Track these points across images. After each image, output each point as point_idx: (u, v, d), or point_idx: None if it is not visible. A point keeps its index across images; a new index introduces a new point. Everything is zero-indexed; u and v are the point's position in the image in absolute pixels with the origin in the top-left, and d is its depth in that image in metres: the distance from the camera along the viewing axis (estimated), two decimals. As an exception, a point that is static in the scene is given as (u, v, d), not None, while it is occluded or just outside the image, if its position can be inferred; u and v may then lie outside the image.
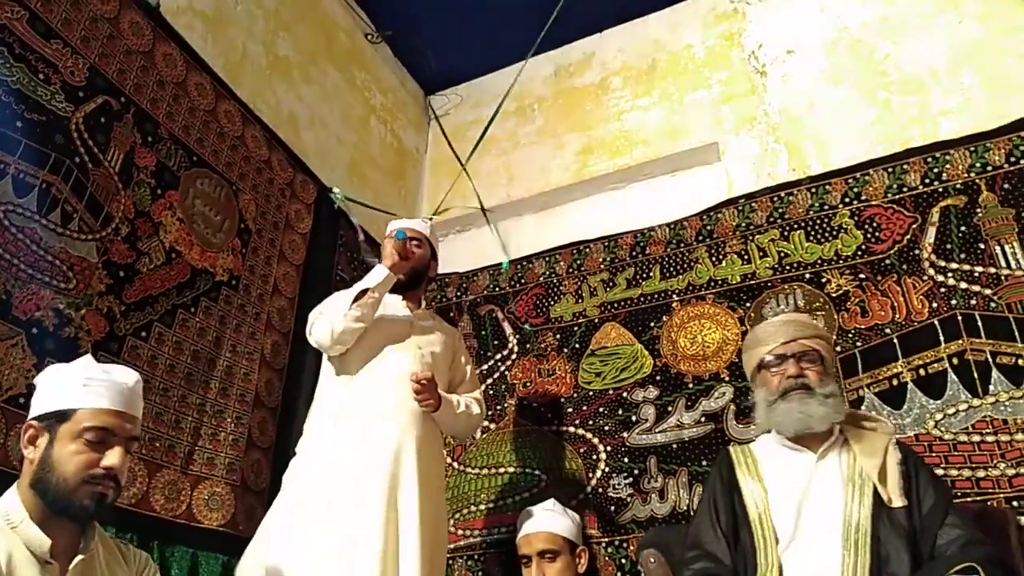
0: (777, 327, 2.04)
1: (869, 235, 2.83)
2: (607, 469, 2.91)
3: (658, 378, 2.99)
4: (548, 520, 2.50)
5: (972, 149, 2.77)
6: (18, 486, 1.50)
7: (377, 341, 2.30)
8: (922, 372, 2.54)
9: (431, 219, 3.13)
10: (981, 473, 2.35)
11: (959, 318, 2.55)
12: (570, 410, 3.10)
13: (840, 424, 1.92)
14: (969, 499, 2.31)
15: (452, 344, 2.50)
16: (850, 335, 2.71)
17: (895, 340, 2.63)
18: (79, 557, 1.49)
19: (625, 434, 2.94)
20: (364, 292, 2.24)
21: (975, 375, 2.45)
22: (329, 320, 2.23)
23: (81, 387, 1.52)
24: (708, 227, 3.17)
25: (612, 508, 2.83)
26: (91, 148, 2.26)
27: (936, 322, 2.59)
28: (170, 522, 2.28)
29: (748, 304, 2.94)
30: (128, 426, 1.55)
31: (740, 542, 1.87)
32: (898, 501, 1.76)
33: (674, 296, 3.10)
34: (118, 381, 1.57)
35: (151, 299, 2.38)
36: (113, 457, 1.50)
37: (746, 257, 3.03)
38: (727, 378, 2.85)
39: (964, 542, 1.66)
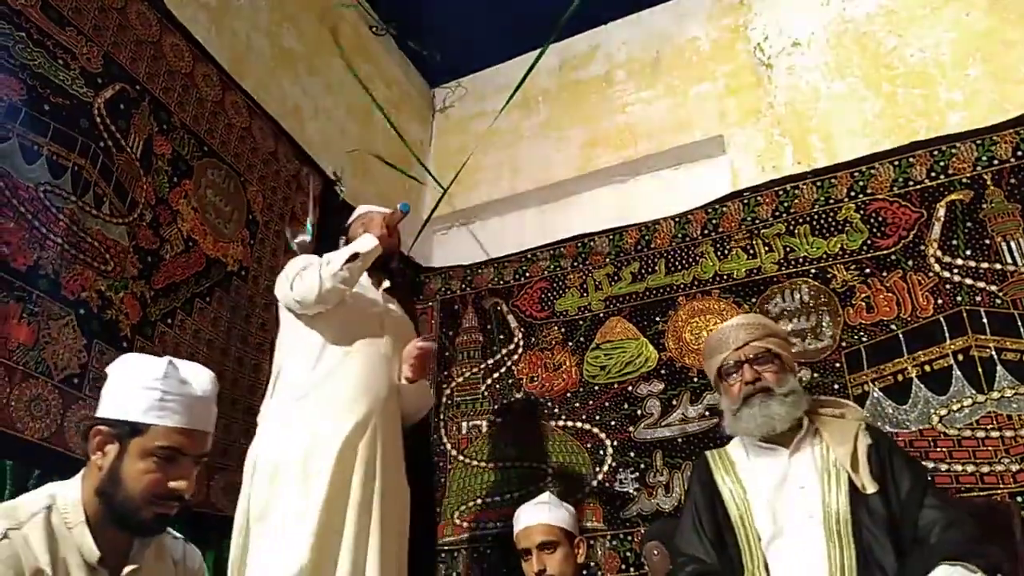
0: (727, 333, 2.00)
1: (875, 230, 2.83)
2: (614, 464, 2.92)
3: (663, 372, 2.99)
4: (545, 512, 2.50)
5: (978, 142, 2.77)
6: (82, 483, 1.47)
7: (350, 319, 2.24)
8: (927, 368, 2.55)
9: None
10: (985, 468, 2.36)
11: (964, 314, 2.56)
12: (576, 404, 3.10)
13: (809, 415, 1.90)
14: (973, 494, 2.32)
15: (410, 327, 2.52)
16: (855, 331, 2.71)
17: (900, 336, 2.64)
18: (128, 567, 1.48)
19: (631, 428, 2.95)
20: (353, 257, 2.16)
21: (980, 371, 2.46)
22: (317, 277, 2.13)
23: (157, 401, 1.47)
24: (713, 220, 3.16)
25: (618, 502, 2.85)
26: (114, 133, 2.27)
27: (941, 319, 2.59)
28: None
29: (754, 300, 2.94)
30: (200, 445, 1.53)
31: (726, 544, 1.86)
32: (871, 487, 1.73)
33: (679, 291, 3.10)
34: (195, 394, 1.53)
35: (174, 286, 2.40)
36: (182, 481, 1.48)
37: (751, 252, 3.03)
38: (732, 372, 2.84)
39: (945, 524, 1.63)
